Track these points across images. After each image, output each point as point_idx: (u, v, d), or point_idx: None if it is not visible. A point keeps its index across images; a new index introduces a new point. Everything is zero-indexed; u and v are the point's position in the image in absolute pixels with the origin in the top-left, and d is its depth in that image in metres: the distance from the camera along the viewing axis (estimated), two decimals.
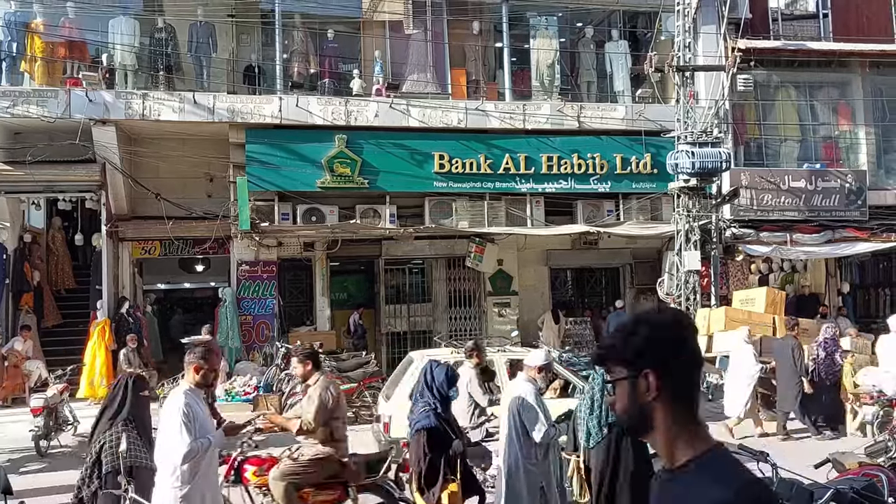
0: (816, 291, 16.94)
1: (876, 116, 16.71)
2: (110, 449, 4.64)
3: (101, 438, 4.72)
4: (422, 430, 5.30)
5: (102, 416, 4.89)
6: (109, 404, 4.89)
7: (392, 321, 16.19)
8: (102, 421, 4.85)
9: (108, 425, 4.78)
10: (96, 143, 13.62)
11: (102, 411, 4.93)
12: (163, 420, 4.64)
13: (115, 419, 4.78)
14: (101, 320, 13.51)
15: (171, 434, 4.50)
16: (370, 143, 14.48)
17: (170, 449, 4.50)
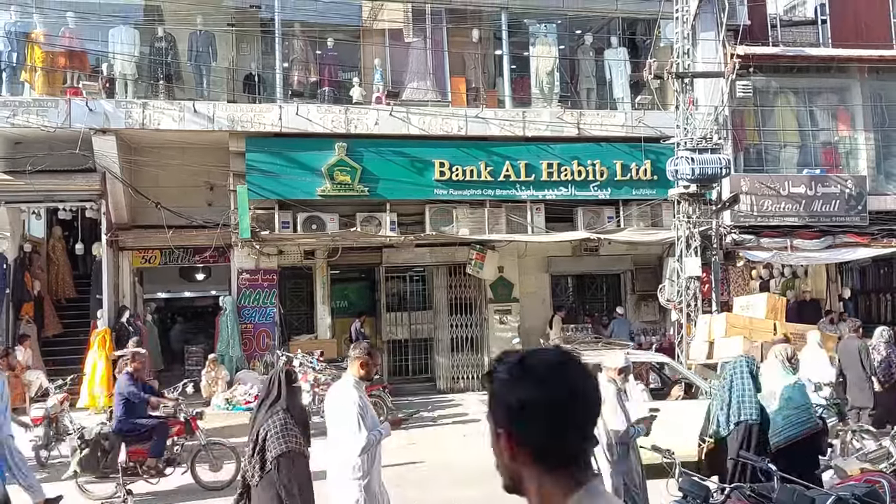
0: (817, 297, 16.93)
1: (875, 122, 16.71)
2: (275, 435, 4.83)
3: (266, 427, 4.90)
4: None
5: (261, 408, 5.10)
6: (266, 396, 5.10)
7: (393, 329, 16.20)
8: (261, 412, 5.06)
9: (268, 414, 4.96)
10: (96, 153, 13.64)
11: (260, 404, 5.15)
12: (335, 413, 4.84)
13: (274, 408, 4.97)
14: (101, 329, 13.50)
15: (347, 426, 4.70)
16: (370, 150, 14.50)
17: (346, 441, 4.70)
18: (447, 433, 12.06)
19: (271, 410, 4.95)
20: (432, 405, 14.33)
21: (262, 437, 4.84)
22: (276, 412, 4.91)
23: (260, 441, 4.85)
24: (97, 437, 8.80)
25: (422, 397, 15.14)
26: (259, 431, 4.90)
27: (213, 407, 12.95)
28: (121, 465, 8.37)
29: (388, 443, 10.71)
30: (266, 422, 4.91)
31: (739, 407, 5.59)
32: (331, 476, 4.92)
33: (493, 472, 1.77)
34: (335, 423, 4.88)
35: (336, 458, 4.88)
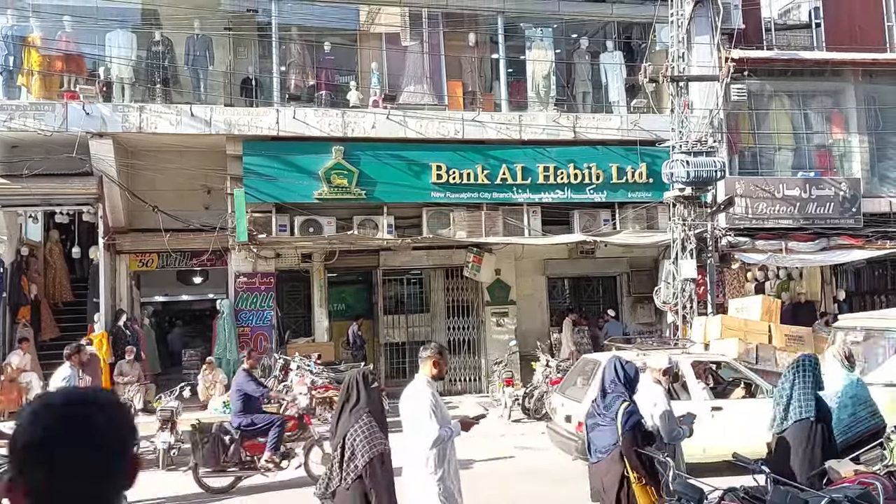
0: (812, 299, 17.02)
1: (869, 125, 16.81)
2: (363, 440, 4.96)
3: (353, 432, 5.01)
4: (635, 425, 5.43)
5: (342, 413, 5.22)
6: (347, 400, 5.22)
7: (390, 332, 16.23)
8: (344, 416, 5.18)
9: (352, 419, 5.09)
10: (93, 157, 13.66)
11: (342, 407, 5.25)
12: (409, 411, 4.99)
13: (357, 411, 5.11)
14: (98, 333, 13.51)
15: (420, 422, 4.85)
16: (367, 154, 14.54)
17: (419, 436, 4.85)
18: None
19: (355, 415, 5.09)
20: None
21: (350, 442, 4.98)
22: (360, 416, 5.05)
23: (348, 446, 5.00)
24: (217, 432, 9.11)
25: None
26: (346, 436, 5.03)
27: (210, 410, 12.96)
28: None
29: None
30: (352, 426, 5.04)
31: (801, 405, 5.64)
32: (406, 472, 5.08)
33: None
34: (409, 420, 5.04)
35: (411, 454, 5.05)
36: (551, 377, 12.35)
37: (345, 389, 5.30)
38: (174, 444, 10.48)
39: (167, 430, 10.26)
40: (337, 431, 5.17)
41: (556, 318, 17.42)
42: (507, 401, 13.05)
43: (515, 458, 10.51)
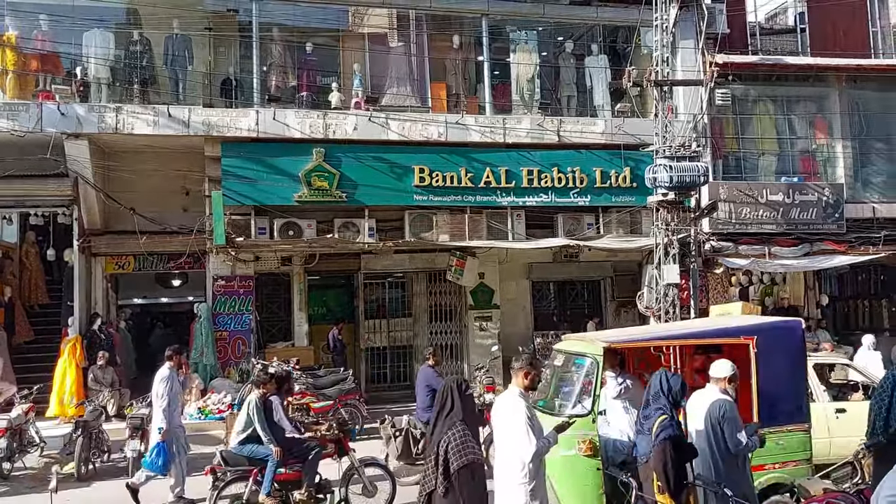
0: (796, 304, 16.98)
1: (853, 130, 16.80)
2: (455, 448, 4.99)
3: (446, 439, 5.06)
4: (666, 439, 5.44)
5: (437, 420, 5.25)
6: (442, 407, 5.27)
7: (372, 336, 16.06)
8: (439, 424, 5.21)
9: (446, 426, 5.13)
10: (68, 158, 13.42)
11: (437, 416, 5.28)
12: (504, 422, 5.13)
13: (451, 419, 5.15)
14: (72, 337, 13.27)
15: (516, 435, 4.99)
16: (349, 156, 14.36)
17: (516, 448, 4.99)
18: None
19: (449, 422, 5.13)
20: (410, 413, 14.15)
21: (444, 450, 5.03)
22: (454, 424, 5.07)
23: (442, 453, 5.04)
24: (408, 426, 9.49)
25: (400, 405, 14.97)
26: (440, 444, 5.09)
27: (185, 416, 12.72)
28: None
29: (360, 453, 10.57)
30: (446, 434, 5.09)
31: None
32: (500, 481, 5.17)
33: None
34: (504, 431, 5.16)
35: (505, 464, 5.16)
36: None
37: (440, 397, 5.34)
38: (144, 451, 10.26)
39: (137, 439, 10.04)
40: (433, 438, 5.22)
41: (541, 322, 17.32)
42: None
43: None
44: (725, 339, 6.83)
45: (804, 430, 6.75)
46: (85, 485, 9.90)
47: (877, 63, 17.00)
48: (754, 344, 6.50)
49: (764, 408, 6.47)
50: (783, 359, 6.73)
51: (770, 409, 6.52)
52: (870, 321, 18.18)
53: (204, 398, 12.93)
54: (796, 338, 6.87)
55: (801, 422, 6.77)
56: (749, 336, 6.58)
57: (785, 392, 6.76)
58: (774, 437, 6.51)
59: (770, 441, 6.36)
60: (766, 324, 7.20)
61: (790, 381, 6.78)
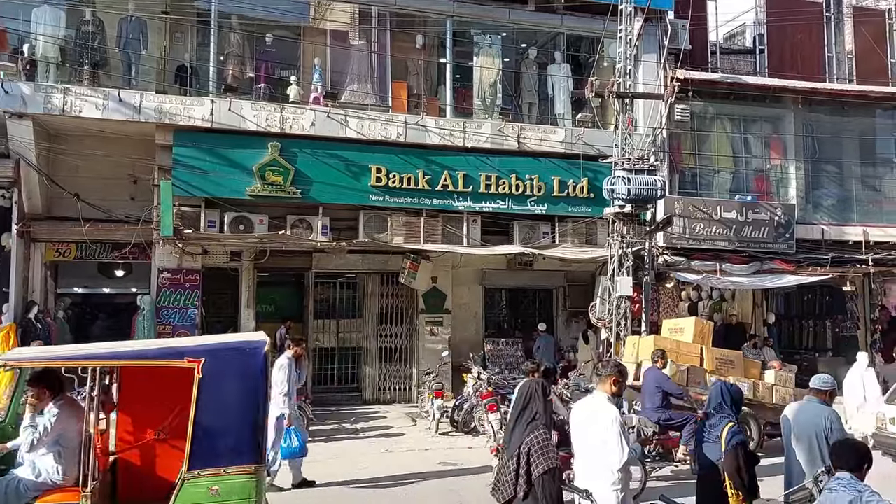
0: (743, 321, 17.21)
1: (806, 152, 17.14)
2: (538, 452, 5.01)
3: (527, 442, 5.06)
4: (738, 444, 5.57)
5: (517, 424, 5.21)
6: (524, 409, 5.25)
7: (320, 336, 15.76)
8: (519, 427, 5.18)
9: (528, 430, 5.14)
10: (10, 138, 12.87)
11: (517, 418, 5.21)
12: (589, 427, 5.05)
13: (535, 423, 5.17)
14: (5, 325, 12.69)
15: (609, 441, 4.93)
16: (305, 152, 14.06)
17: (605, 454, 4.94)
18: (367, 447, 11.69)
19: (532, 426, 5.17)
20: (356, 416, 13.94)
21: (526, 452, 5.06)
22: (536, 427, 5.12)
23: (524, 455, 5.09)
24: (638, 425, 9.72)
25: (346, 408, 14.75)
26: (521, 447, 5.11)
27: None
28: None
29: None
30: (527, 437, 5.13)
31: None
32: (587, 485, 5.07)
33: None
34: (590, 436, 5.06)
35: (589, 469, 5.07)
36: (482, 390, 12.05)
37: (521, 399, 5.30)
38: None
39: None
40: (512, 441, 5.18)
41: (492, 329, 17.23)
42: (435, 413, 12.72)
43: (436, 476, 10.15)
44: (167, 360, 5.79)
45: (250, 474, 5.63)
46: None
47: (831, 87, 17.35)
48: (200, 368, 5.52)
49: (201, 444, 5.51)
50: (235, 386, 5.72)
51: (210, 447, 5.57)
52: (814, 341, 18.53)
53: None
54: (256, 363, 5.80)
55: (247, 463, 5.65)
56: (195, 358, 5.58)
57: (231, 426, 5.71)
58: (207, 482, 5.51)
59: (199, 487, 5.50)
60: (219, 345, 6.31)
61: (240, 412, 5.72)
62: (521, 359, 16.21)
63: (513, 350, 16.44)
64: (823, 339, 18.49)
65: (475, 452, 11.24)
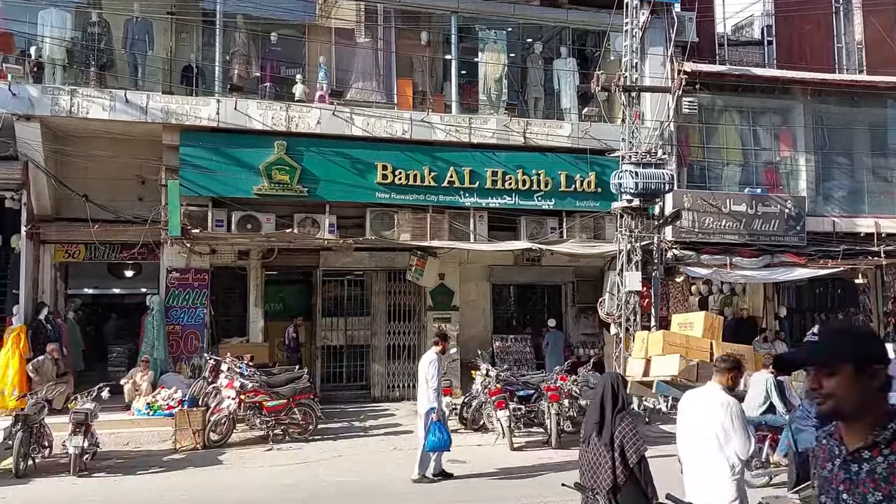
0: (754, 315, 17.08)
1: (816, 144, 16.97)
2: (631, 440, 5.18)
3: (620, 432, 5.22)
4: None
5: (605, 413, 5.36)
6: (612, 403, 5.41)
7: (328, 334, 15.74)
8: (607, 418, 5.34)
9: (618, 420, 5.30)
10: (19, 140, 12.94)
11: (602, 408, 5.38)
12: (705, 417, 5.10)
13: (621, 414, 5.33)
14: (16, 327, 12.77)
15: (734, 431, 5.01)
16: (311, 150, 14.07)
17: (726, 444, 5.01)
18: (376, 445, 11.69)
19: (619, 416, 5.33)
20: (365, 414, 13.95)
21: (620, 442, 5.23)
22: (624, 418, 5.30)
23: (618, 446, 5.24)
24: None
25: (355, 406, 14.75)
26: (615, 436, 5.28)
27: (133, 412, 12.37)
28: None
29: (310, 455, 10.34)
30: (619, 426, 5.30)
31: None
32: (696, 476, 5.17)
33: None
34: (706, 426, 5.14)
35: (702, 459, 5.14)
36: (490, 387, 12.02)
37: (607, 392, 5.47)
38: (88, 448, 9.90)
39: (80, 434, 9.66)
40: (602, 432, 5.37)
41: (500, 325, 17.18)
42: (444, 410, 12.67)
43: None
44: None
45: None
46: (23, 482, 9.48)
47: (841, 78, 17.19)
48: None
49: None
50: None
51: None
52: None
53: (153, 393, 12.54)
54: None
55: None
56: None
57: None
58: None
59: None
60: None
61: None
62: (530, 355, 16.21)
63: (521, 346, 16.40)
64: None
65: (484, 450, 11.24)
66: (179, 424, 11.28)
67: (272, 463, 10.49)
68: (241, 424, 11.86)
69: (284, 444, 11.49)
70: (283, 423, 11.76)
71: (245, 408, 11.67)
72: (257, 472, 9.96)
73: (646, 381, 11.63)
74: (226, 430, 11.53)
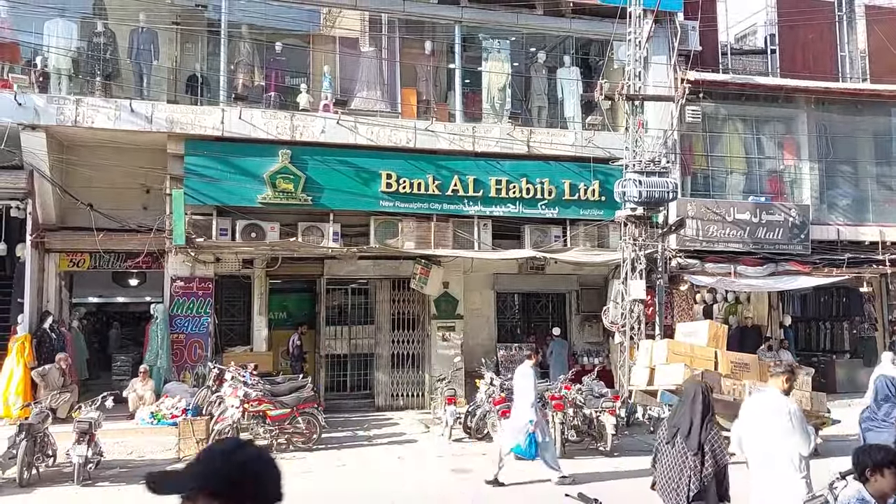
0: (759, 323, 17.04)
1: (820, 152, 16.98)
2: (719, 447, 5.48)
3: (711, 438, 5.51)
4: None
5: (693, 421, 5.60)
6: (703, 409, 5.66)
7: (332, 343, 15.75)
8: (695, 424, 5.59)
9: (707, 428, 5.57)
10: (24, 150, 12.98)
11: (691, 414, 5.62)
12: (766, 419, 5.55)
13: (710, 422, 5.62)
14: (20, 335, 12.79)
15: (795, 431, 5.42)
16: (315, 159, 14.10)
17: (791, 443, 5.43)
18: (380, 455, 11.66)
19: (709, 425, 5.60)
20: (368, 423, 13.92)
21: (710, 448, 5.50)
22: (711, 426, 5.57)
23: (707, 451, 5.52)
24: None
25: (359, 415, 14.73)
26: (703, 443, 5.55)
27: (137, 421, 12.36)
28: None
29: (314, 464, 10.31)
30: (707, 434, 5.57)
31: None
32: (764, 475, 5.50)
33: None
34: (769, 428, 5.53)
35: (771, 458, 5.50)
36: (495, 396, 11.98)
37: (699, 398, 5.71)
38: (91, 457, 9.89)
39: (84, 443, 9.65)
40: (689, 437, 5.60)
41: (505, 334, 17.16)
42: (448, 419, 12.67)
43: (447, 484, 10.10)
44: None
45: None
46: (26, 491, 9.46)
47: (844, 87, 17.20)
48: None
49: None
50: None
51: None
52: (831, 343, 18.34)
53: (157, 402, 12.54)
54: None
55: None
56: None
57: None
58: None
59: None
60: None
61: None
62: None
63: (526, 355, 16.33)
64: (841, 340, 18.29)
65: (488, 459, 11.18)
66: (183, 433, 11.27)
67: None
68: (244, 433, 11.82)
69: (288, 454, 11.45)
70: (287, 433, 11.74)
71: (249, 417, 11.64)
72: None
73: (650, 390, 11.59)
74: None
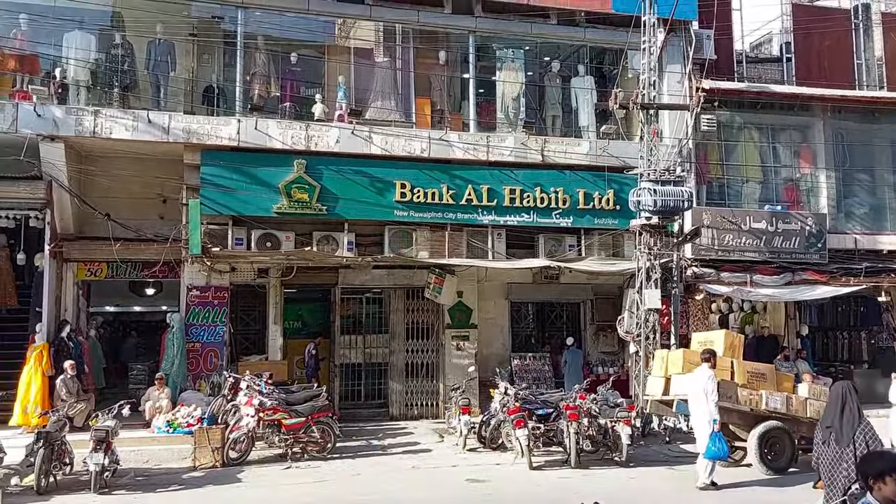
0: (776, 333, 16.91)
1: (837, 160, 16.84)
2: (874, 437, 5.81)
3: (861, 430, 5.89)
4: None
5: (843, 420, 5.94)
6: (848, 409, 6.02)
7: (347, 352, 15.77)
8: (846, 424, 5.93)
9: (857, 421, 5.90)
10: (43, 160, 13.13)
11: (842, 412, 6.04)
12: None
13: (861, 415, 5.95)
14: (38, 344, 12.91)
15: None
16: (330, 169, 14.17)
17: None
18: (395, 464, 11.66)
19: (865, 423, 5.90)
20: (383, 433, 13.93)
21: (864, 440, 5.85)
22: (868, 424, 5.92)
23: (860, 443, 5.85)
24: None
25: (373, 424, 14.74)
26: (857, 439, 5.85)
27: (153, 429, 12.42)
28: None
29: (329, 473, 10.32)
30: (860, 426, 5.91)
31: None
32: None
33: None
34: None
35: None
36: (509, 406, 11.95)
37: (849, 399, 6.05)
38: (108, 465, 9.96)
39: (101, 451, 9.72)
40: (843, 434, 5.90)
41: (519, 343, 17.14)
42: (462, 429, 12.65)
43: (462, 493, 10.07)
44: None
45: None
46: (44, 499, 9.54)
47: (861, 94, 17.08)
48: None
49: None
50: None
51: None
52: (849, 353, 18.16)
53: (173, 411, 12.60)
54: None
55: None
56: None
57: None
58: None
59: None
60: None
61: None
62: (549, 373, 16.13)
63: (540, 365, 16.34)
64: (859, 350, 18.09)
65: (503, 469, 11.17)
66: (199, 442, 11.31)
67: (291, 481, 10.47)
68: (259, 442, 11.89)
69: (303, 463, 11.49)
70: (302, 442, 11.76)
71: (264, 426, 11.69)
72: (276, 491, 9.95)
73: (666, 399, 11.54)
74: (244, 447, 11.55)
